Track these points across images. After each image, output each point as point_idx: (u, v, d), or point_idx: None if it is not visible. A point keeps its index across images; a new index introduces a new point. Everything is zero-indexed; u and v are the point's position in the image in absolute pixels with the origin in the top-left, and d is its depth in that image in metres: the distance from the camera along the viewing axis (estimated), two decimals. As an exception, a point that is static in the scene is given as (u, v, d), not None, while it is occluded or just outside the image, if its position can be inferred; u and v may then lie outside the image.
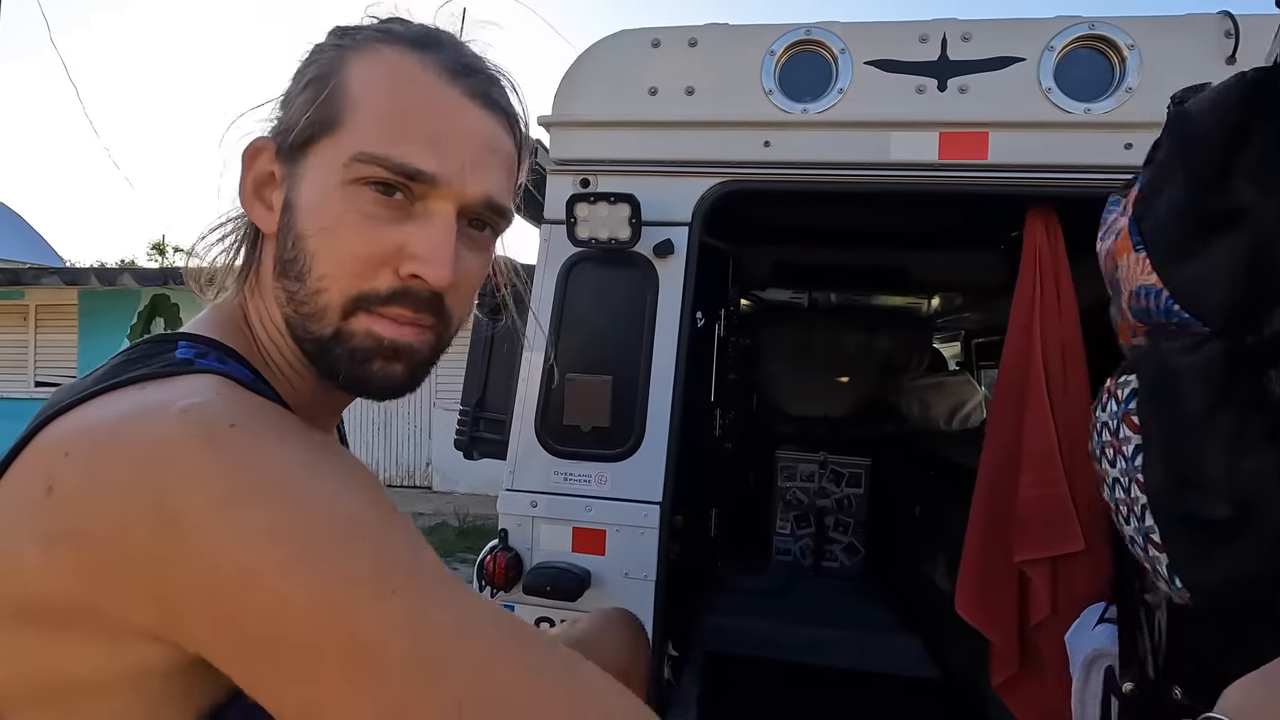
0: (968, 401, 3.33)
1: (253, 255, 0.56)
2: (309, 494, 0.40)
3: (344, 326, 0.50)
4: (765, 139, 1.58)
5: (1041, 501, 1.59)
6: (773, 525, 3.32)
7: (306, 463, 0.41)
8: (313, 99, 0.50)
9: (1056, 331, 1.64)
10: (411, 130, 0.49)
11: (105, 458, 0.39)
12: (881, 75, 1.53)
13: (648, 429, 1.60)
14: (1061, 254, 1.63)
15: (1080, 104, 1.46)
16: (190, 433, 0.39)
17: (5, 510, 0.41)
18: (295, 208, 0.51)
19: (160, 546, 0.37)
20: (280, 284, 0.52)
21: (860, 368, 3.60)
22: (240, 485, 0.38)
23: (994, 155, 1.50)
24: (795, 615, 2.59)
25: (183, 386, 0.43)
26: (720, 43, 1.60)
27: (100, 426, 0.41)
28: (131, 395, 0.42)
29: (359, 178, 0.49)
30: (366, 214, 0.49)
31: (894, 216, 2.06)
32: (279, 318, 0.53)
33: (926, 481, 2.72)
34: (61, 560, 0.38)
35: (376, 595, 0.38)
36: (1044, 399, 1.62)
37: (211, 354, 0.48)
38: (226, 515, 0.37)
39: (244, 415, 0.42)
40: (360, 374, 0.51)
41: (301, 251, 0.50)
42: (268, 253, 0.54)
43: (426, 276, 0.49)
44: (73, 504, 0.39)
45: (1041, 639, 1.61)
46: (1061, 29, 1.47)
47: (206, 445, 0.39)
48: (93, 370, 0.48)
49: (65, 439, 0.41)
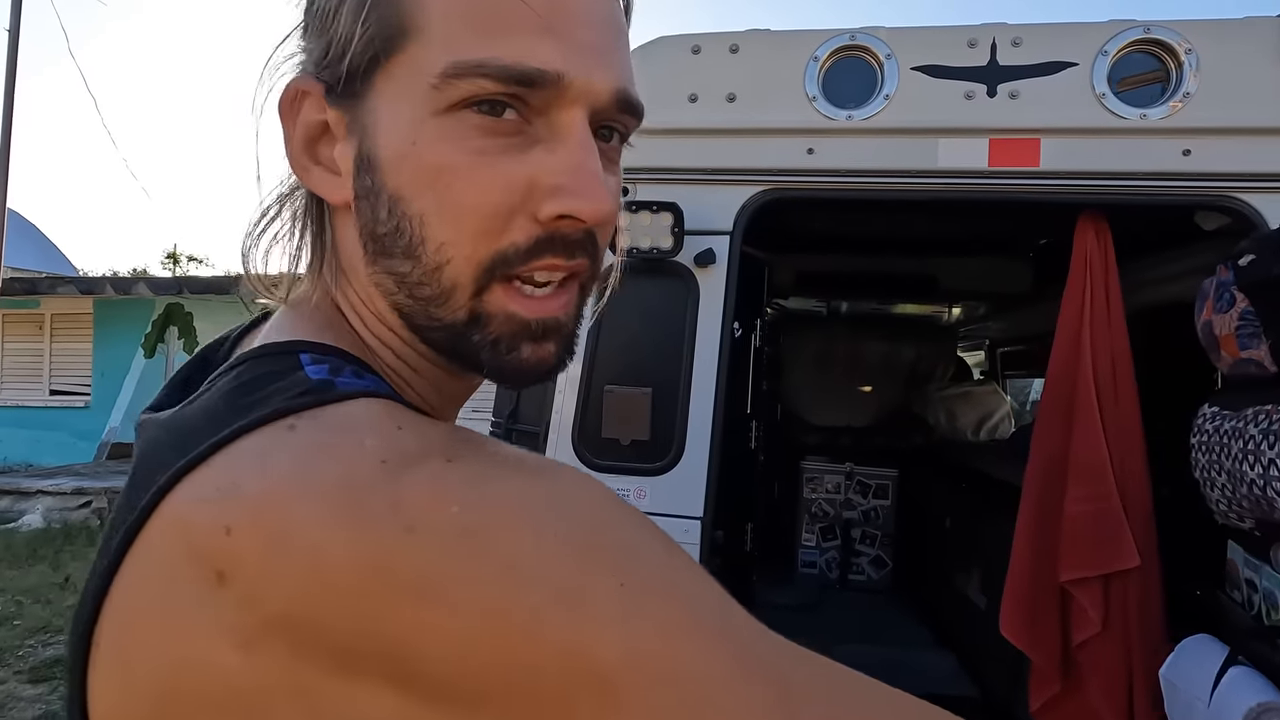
0: (995, 411, 3.29)
1: (322, 236, 0.43)
2: (583, 517, 0.31)
3: (479, 307, 0.38)
4: (809, 146, 1.55)
5: (1093, 517, 1.54)
6: (798, 537, 3.27)
7: (559, 482, 0.32)
8: (357, 9, 0.37)
9: (1106, 340, 1.60)
10: (514, 14, 0.35)
11: (294, 532, 0.29)
12: (929, 81, 1.50)
13: (688, 442, 1.56)
14: (1112, 261, 1.60)
15: (1136, 109, 1.43)
16: (405, 481, 0.30)
17: (159, 600, 0.31)
18: (378, 162, 0.38)
19: (397, 617, 0.28)
20: (380, 266, 0.39)
21: (885, 377, 3.56)
22: (492, 517, 0.29)
23: (1046, 162, 1.46)
24: (825, 630, 2.54)
25: (346, 423, 0.33)
26: (762, 48, 1.57)
27: (268, 488, 0.30)
28: (285, 440, 0.32)
29: (458, 100, 0.36)
30: (477, 149, 0.36)
31: (940, 224, 2.03)
32: (384, 308, 0.41)
33: (958, 493, 2.67)
34: (269, 657, 0.30)
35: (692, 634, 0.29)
36: (1094, 409, 1.57)
37: (346, 368, 0.37)
38: (483, 558, 0.29)
39: (454, 445, 0.33)
40: (509, 364, 0.40)
41: (404, 219, 0.37)
42: (344, 228, 0.41)
43: (581, 212, 0.37)
44: (264, 593, 0.30)
45: (1086, 658, 1.56)
46: (1115, 33, 1.44)
47: (430, 487, 0.30)
48: (193, 395, 0.37)
49: (220, 512, 0.30)
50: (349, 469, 0.30)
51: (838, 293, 3.30)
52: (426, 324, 0.40)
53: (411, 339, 0.42)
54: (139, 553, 0.32)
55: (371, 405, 0.34)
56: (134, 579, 0.32)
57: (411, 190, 0.37)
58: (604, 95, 0.38)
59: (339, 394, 0.34)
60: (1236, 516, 0.89)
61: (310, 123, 0.40)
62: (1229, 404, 0.90)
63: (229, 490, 0.31)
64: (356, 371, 0.37)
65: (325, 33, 0.38)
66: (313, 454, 0.31)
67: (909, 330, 3.69)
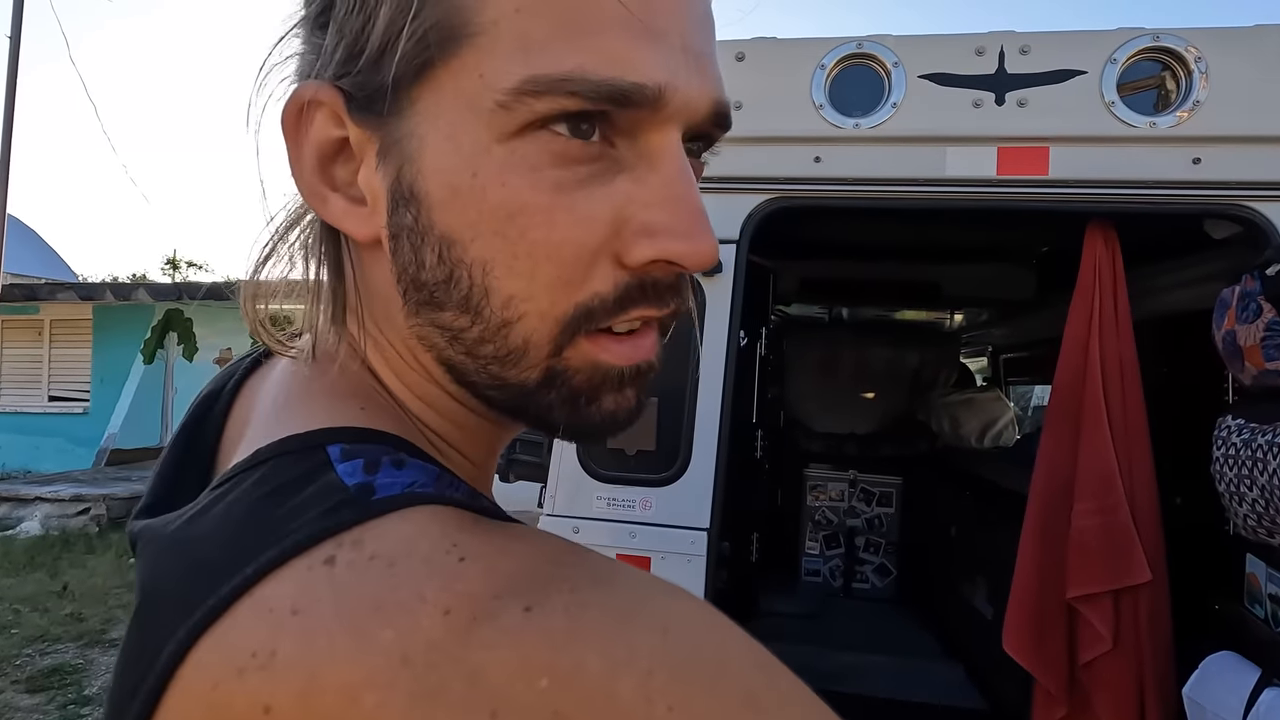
0: (999, 419, 3.27)
1: (341, 277, 0.36)
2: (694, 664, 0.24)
3: (557, 365, 0.32)
4: (816, 154, 1.54)
5: (1101, 530, 1.52)
6: (801, 545, 3.25)
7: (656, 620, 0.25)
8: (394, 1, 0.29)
9: (1114, 349, 1.59)
10: (602, 8, 0.28)
11: (344, 715, 0.23)
12: (936, 89, 1.49)
13: (694, 452, 1.55)
14: (1120, 270, 1.59)
15: (1145, 118, 1.42)
16: (475, 646, 0.23)
17: None
18: (423, 197, 0.30)
19: None
20: (424, 319, 0.33)
21: (888, 383, 3.55)
22: (588, 690, 0.23)
23: (1055, 170, 1.46)
24: (830, 640, 2.52)
25: (395, 555, 0.26)
26: (769, 56, 1.56)
27: (310, 661, 0.24)
28: (326, 585, 0.25)
29: (531, 121, 0.28)
30: (556, 184, 0.29)
31: (947, 232, 2.02)
32: (429, 361, 0.34)
33: (963, 502, 2.65)
34: None
35: None
36: (1102, 419, 1.56)
37: (383, 459, 0.30)
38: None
39: (527, 583, 0.25)
40: (588, 419, 0.33)
41: (459, 266, 0.30)
42: (375, 266, 0.34)
43: (682, 258, 0.30)
44: None
45: (1093, 676, 1.54)
46: (1124, 41, 1.43)
47: (508, 655, 0.23)
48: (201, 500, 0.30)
49: (259, 687, 0.24)
50: (409, 633, 0.24)
51: (842, 299, 3.30)
52: (489, 383, 0.33)
53: (461, 394, 0.35)
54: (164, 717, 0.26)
55: (419, 521, 0.27)
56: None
57: (470, 233, 0.30)
58: (702, 110, 0.31)
59: (380, 506, 0.27)
60: (1266, 532, 0.87)
61: (324, 140, 0.32)
62: (1257, 416, 0.88)
63: (265, 659, 0.24)
64: (396, 460, 0.30)
65: (347, 29, 0.30)
66: (362, 609, 0.24)
67: (912, 336, 3.68)
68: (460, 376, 0.34)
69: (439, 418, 0.36)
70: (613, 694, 0.23)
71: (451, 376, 0.34)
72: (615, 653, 0.24)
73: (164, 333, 9.31)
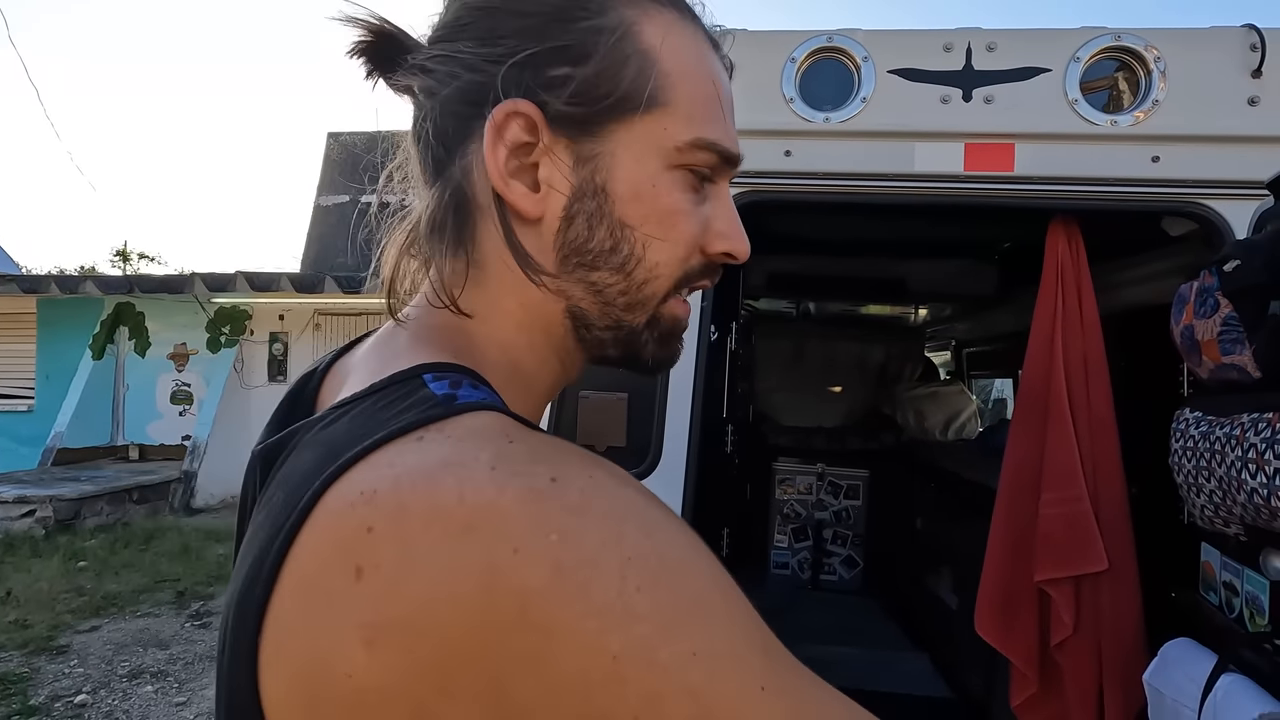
0: (963, 412, 3.33)
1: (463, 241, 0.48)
2: (662, 562, 0.34)
3: (658, 311, 0.50)
4: (786, 148, 1.53)
5: (1063, 520, 1.55)
6: (770, 538, 3.27)
7: (644, 522, 0.35)
8: (615, 66, 0.45)
9: (1079, 344, 1.61)
10: (726, 112, 0.49)
11: (417, 535, 0.33)
12: (905, 84, 1.50)
13: (665, 448, 1.53)
14: (1084, 266, 1.61)
15: (1106, 116, 1.44)
16: (510, 496, 0.33)
17: (315, 592, 0.35)
18: (610, 193, 0.46)
19: (498, 636, 0.32)
20: (577, 275, 0.48)
21: (855, 377, 3.59)
22: (585, 555, 0.33)
23: (1020, 167, 1.47)
24: (798, 631, 2.54)
25: (466, 434, 0.37)
26: (740, 48, 1.54)
27: (399, 495, 0.35)
28: (414, 450, 0.36)
29: (685, 163, 0.47)
30: (690, 199, 0.48)
31: (914, 228, 2.03)
32: (550, 312, 0.49)
33: (927, 494, 2.70)
34: (387, 655, 0.33)
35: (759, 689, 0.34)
36: (1066, 413, 1.59)
37: (464, 381, 0.42)
38: (574, 594, 0.32)
39: (557, 463, 0.36)
40: (664, 356, 0.52)
41: (626, 241, 0.47)
42: (489, 239, 0.48)
43: (737, 253, 0.51)
44: (390, 591, 0.33)
45: (1062, 658, 1.58)
46: (1087, 40, 1.45)
47: (534, 509, 0.33)
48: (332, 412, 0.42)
49: (365, 514, 0.35)
50: (464, 483, 0.34)
51: (810, 294, 3.31)
52: (609, 324, 0.49)
53: (558, 340, 0.50)
54: (300, 547, 0.36)
55: (486, 418, 0.39)
56: (294, 571, 0.36)
57: (640, 220, 0.47)
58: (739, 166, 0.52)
59: (460, 407, 0.39)
60: (1222, 522, 0.89)
61: (516, 142, 0.45)
62: (1215, 409, 0.90)
63: (370, 495, 0.35)
64: (473, 383, 0.43)
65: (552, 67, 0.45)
66: (434, 464, 0.36)
67: (878, 331, 3.72)
68: (582, 320, 0.49)
69: (509, 366, 0.49)
70: (598, 564, 0.32)
71: (572, 323, 0.49)
72: (608, 533, 0.33)
73: (114, 327, 8.97)
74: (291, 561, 0.36)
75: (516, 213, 0.47)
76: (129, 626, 4.47)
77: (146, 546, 6.21)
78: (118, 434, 9.08)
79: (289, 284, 8.26)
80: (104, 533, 6.55)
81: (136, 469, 8.37)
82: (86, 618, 4.55)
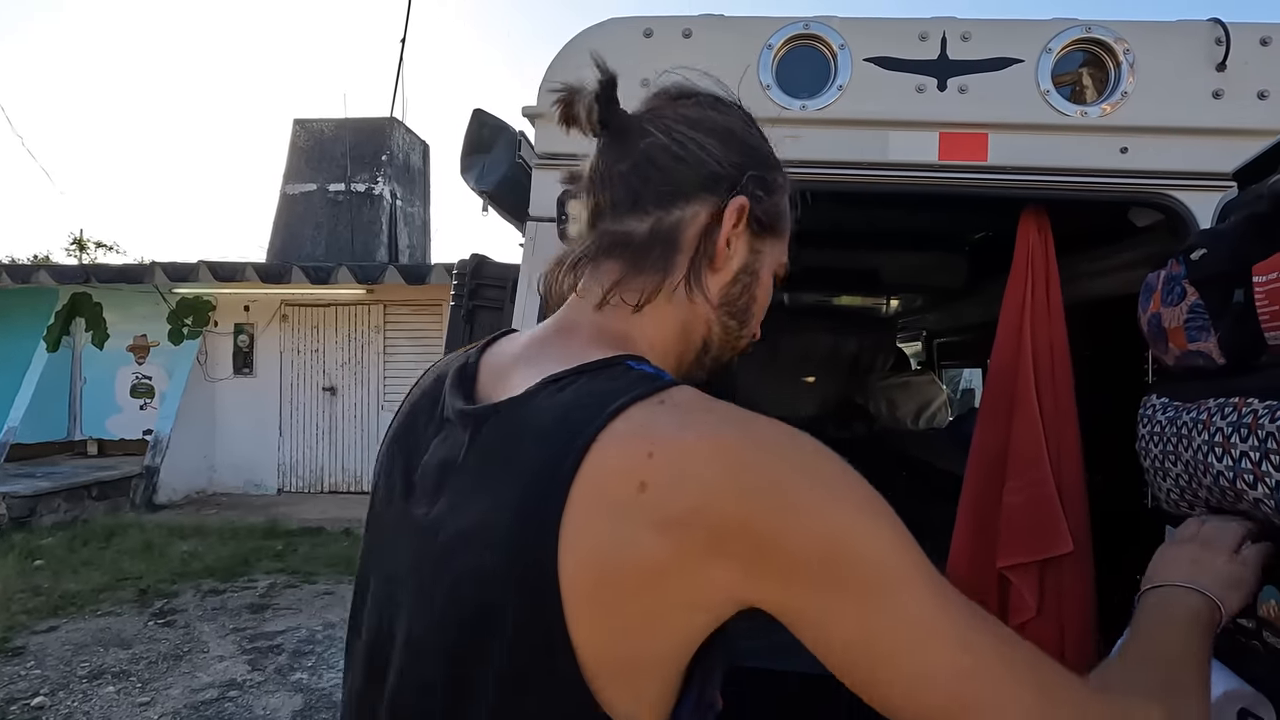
0: (934, 401, 3.38)
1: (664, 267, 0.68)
2: (842, 472, 0.56)
3: (747, 343, 0.77)
4: (762, 136, 1.52)
5: (1027, 505, 1.58)
6: (744, 528, 3.29)
7: (816, 447, 0.56)
8: (779, 204, 0.74)
9: (1046, 333, 1.64)
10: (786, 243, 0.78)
11: (686, 458, 0.53)
12: (881, 73, 1.50)
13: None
14: (1052, 256, 1.64)
15: (1077, 107, 1.46)
16: (740, 434, 0.55)
17: (605, 503, 0.52)
18: (757, 276, 0.73)
19: (747, 520, 0.51)
20: (720, 315, 0.72)
21: (828, 368, 3.61)
22: (794, 466, 0.54)
23: (994, 157, 1.48)
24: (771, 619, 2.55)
25: (688, 399, 0.57)
26: (716, 34, 1.53)
27: (668, 432, 0.54)
28: (663, 408, 0.56)
29: (776, 274, 0.76)
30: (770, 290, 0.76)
31: (888, 217, 2.04)
32: (693, 332, 0.71)
33: (898, 482, 2.72)
34: (670, 543, 0.51)
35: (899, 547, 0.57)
36: (1032, 401, 1.61)
37: (651, 367, 0.62)
38: (800, 490, 0.53)
39: (745, 417, 0.57)
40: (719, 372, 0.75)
41: (749, 306, 0.74)
42: (711, 278, 0.70)
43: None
44: (671, 497, 0.51)
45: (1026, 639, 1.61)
46: (1058, 31, 1.46)
47: (755, 441, 0.55)
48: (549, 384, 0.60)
49: (643, 443, 0.53)
50: (702, 427, 0.55)
51: (783, 284, 3.32)
52: (718, 351, 0.73)
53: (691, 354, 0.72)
54: (586, 470, 0.52)
55: (691, 391, 0.58)
56: (585, 487, 0.52)
57: (760, 298, 0.75)
58: None
59: (667, 382, 0.58)
60: (1188, 505, 0.91)
61: (729, 231, 0.69)
62: (1179, 395, 0.92)
63: (645, 431, 0.54)
64: (657, 369, 0.62)
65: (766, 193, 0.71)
66: (686, 415, 0.55)
67: (850, 321, 3.75)
68: (708, 345, 0.73)
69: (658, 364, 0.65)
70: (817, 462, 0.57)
71: (703, 345, 0.72)
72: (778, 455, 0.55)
73: (70, 318, 8.69)
74: (581, 478, 0.52)
75: (710, 261, 0.69)
76: (89, 626, 4.34)
77: (107, 544, 6.03)
78: (75, 428, 8.80)
79: (254, 274, 8.06)
80: (61, 530, 6.35)
81: (95, 465, 8.13)
82: (43, 618, 4.41)
